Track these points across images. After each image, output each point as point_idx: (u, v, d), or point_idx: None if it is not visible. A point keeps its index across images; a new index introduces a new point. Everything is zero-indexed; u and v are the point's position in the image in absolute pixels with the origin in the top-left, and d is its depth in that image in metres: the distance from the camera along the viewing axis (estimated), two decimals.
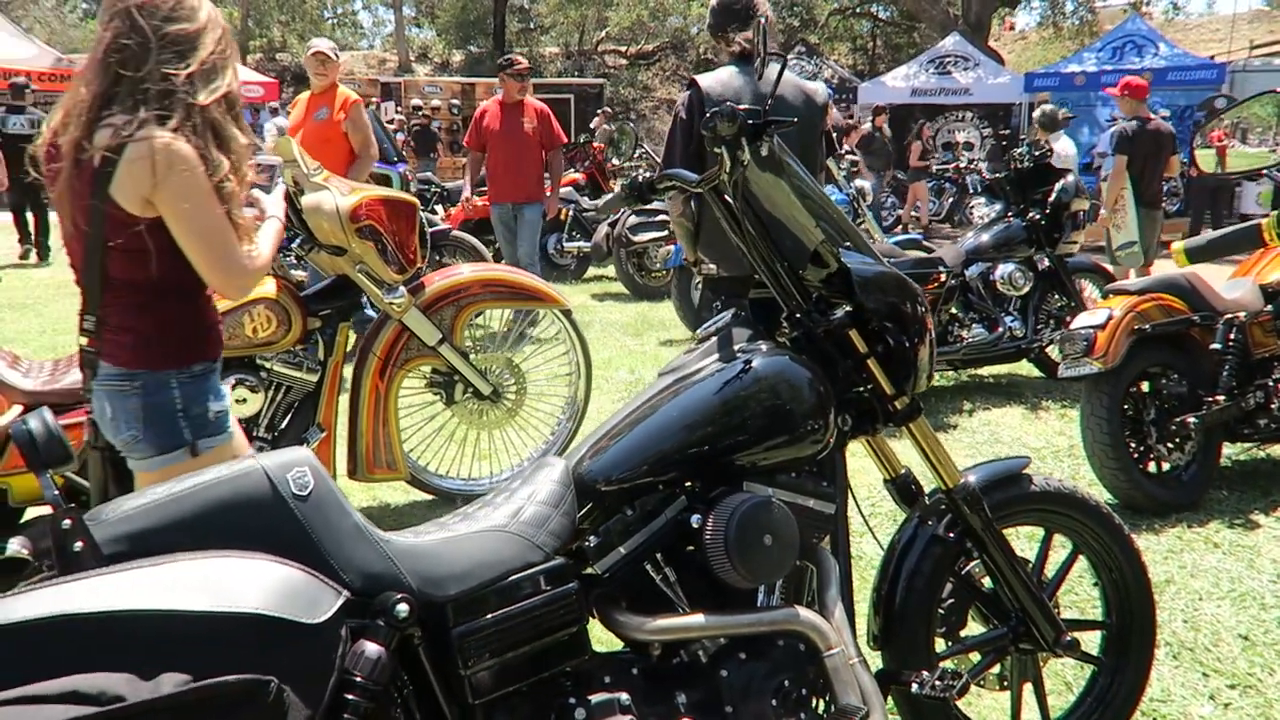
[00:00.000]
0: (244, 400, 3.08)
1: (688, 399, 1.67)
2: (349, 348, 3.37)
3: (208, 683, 1.07)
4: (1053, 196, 5.12)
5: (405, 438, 3.49)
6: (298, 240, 3.19)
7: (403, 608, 1.31)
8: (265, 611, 1.15)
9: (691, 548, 1.61)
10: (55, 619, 1.08)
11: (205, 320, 2.00)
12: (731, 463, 1.66)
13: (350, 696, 1.23)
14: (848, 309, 1.81)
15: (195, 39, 1.81)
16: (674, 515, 1.62)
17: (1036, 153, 5.18)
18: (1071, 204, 5.09)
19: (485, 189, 6.49)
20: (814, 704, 1.61)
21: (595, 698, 1.48)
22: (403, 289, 3.20)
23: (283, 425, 3.24)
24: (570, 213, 8.64)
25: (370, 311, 3.78)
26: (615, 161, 9.65)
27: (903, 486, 1.97)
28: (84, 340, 1.93)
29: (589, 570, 1.55)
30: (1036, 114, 8.29)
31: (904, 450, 1.93)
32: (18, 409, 2.79)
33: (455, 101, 18.48)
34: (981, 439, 4.42)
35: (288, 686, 1.13)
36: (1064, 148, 7.82)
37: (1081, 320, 3.55)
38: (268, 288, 3.05)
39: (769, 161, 1.77)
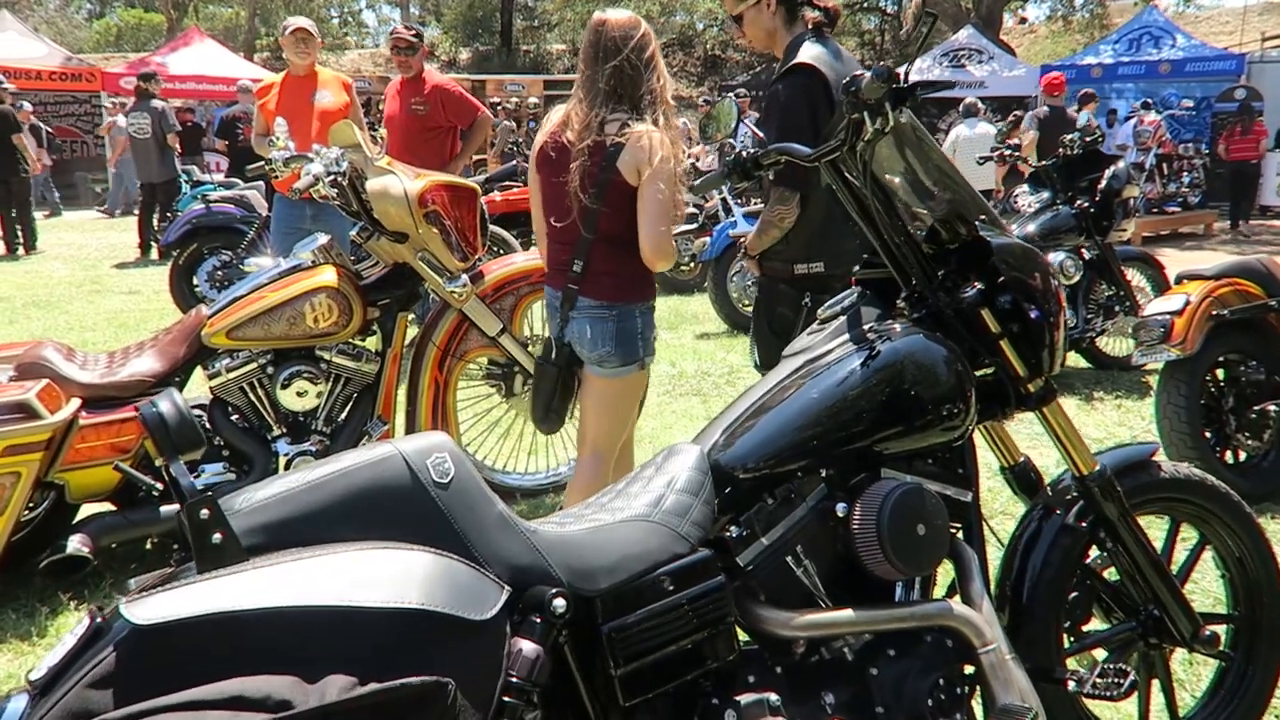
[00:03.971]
0: (304, 393, 2.99)
1: (823, 382, 1.57)
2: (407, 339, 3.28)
3: (387, 685, 0.98)
4: (1103, 184, 5.01)
5: (461, 431, 3.40)
6: (356, 228, 3.10)
7: (560, 602, 1.22)
8: (432, 608, 1.06)
9: (828, 539, 1.53)
10: (211, 617, 0.99)
11: (648, 270, 2.49)
12: (869, 448, 1.56)
13: (508, 699, 1.14)
14: (979, 286, 1.72)
15: (654, 59, 2.43)
16: (815, 504, 1.53)
17: (1087, 139, 5.07)
18: (1123, 191, 4.99)
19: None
20: (969, 704, 1.52)
21: (744, 698, 1.38)
22: (465, 277, 3.10)
23: (340, 418, 3.15)
24: None
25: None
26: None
27: (1021, 475, 1.89)
28: (570, 281, 2.47)
29: (730, 563, 1.46)
30: (961, 106, 9.69)
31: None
32: (75, 403, 2.71)
33: None
34: (1039, 429, 4.30)
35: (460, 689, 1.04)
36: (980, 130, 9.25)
37: (1157, 306, 3.46)
38: (328, 276, 2.96)
39: (902, 130, 1.67)
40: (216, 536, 1.13)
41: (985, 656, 1.49)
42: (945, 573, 1.68)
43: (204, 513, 1.13)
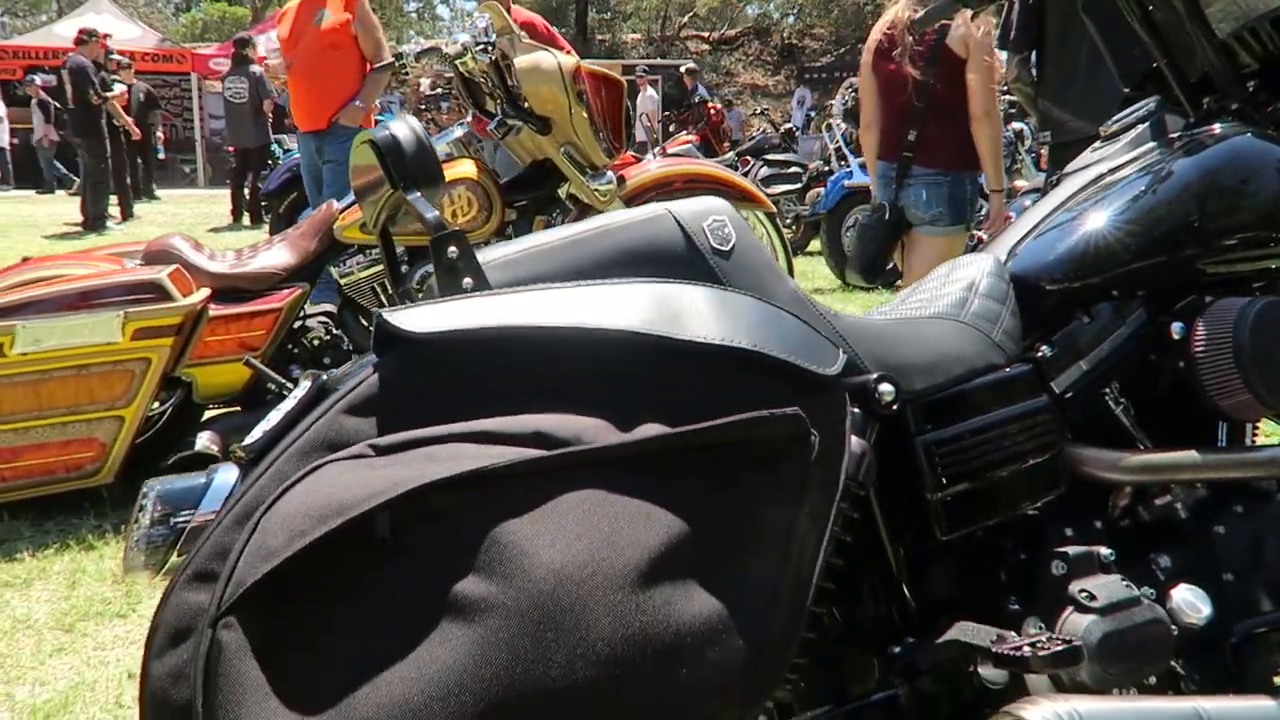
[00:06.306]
0: None
1: (1137, 188, 1.28)
2: None
3: (745, 418, 0.73)
4: None
5: None
6: (494, 122, 2.88)
7: (887, 388, 0.96)
8: (768, 350, 0.81)
9: (1154, 370, 1.25)
10: (499, 332, 0.76)
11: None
12: (1194, 266, 1.27)
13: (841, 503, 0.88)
14: None
15: None
16: (1138, 327, 1.24)
17: None
18: None
19: None
20: None
21: (1071, 550, 1.10)
22: (611, 174, 2.86)
23: None
24: None
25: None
26: None
27: None
28: (904, 150, 2.79)
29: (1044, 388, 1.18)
30: None
31: None
32: (205, 291, 2.54)
33: None
34: None
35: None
36: None
37: None
38: (467, 168, 2.75)
39: None
40: (466, 281, 0.89)
41: None
42: None
43: (452, 250, 0.90)
